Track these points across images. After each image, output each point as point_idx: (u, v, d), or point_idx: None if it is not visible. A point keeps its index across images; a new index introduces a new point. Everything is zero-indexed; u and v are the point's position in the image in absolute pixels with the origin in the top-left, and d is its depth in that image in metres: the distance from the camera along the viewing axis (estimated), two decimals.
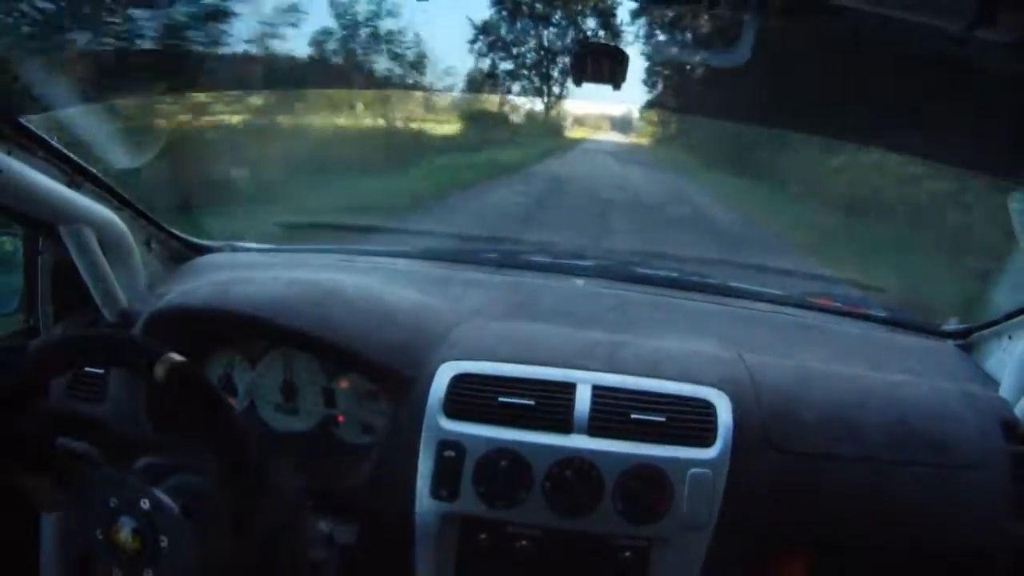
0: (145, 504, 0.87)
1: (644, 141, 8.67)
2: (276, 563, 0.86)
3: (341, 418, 1.21)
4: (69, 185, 1.18)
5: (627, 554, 1.02)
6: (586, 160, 7.99)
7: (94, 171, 1.22)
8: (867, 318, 1.44)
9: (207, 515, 0.89)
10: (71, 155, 1.15)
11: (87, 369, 1.20)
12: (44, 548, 1.00)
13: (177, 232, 1.51)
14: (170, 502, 0.88)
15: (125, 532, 0.86)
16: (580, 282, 1.47)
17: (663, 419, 1.03)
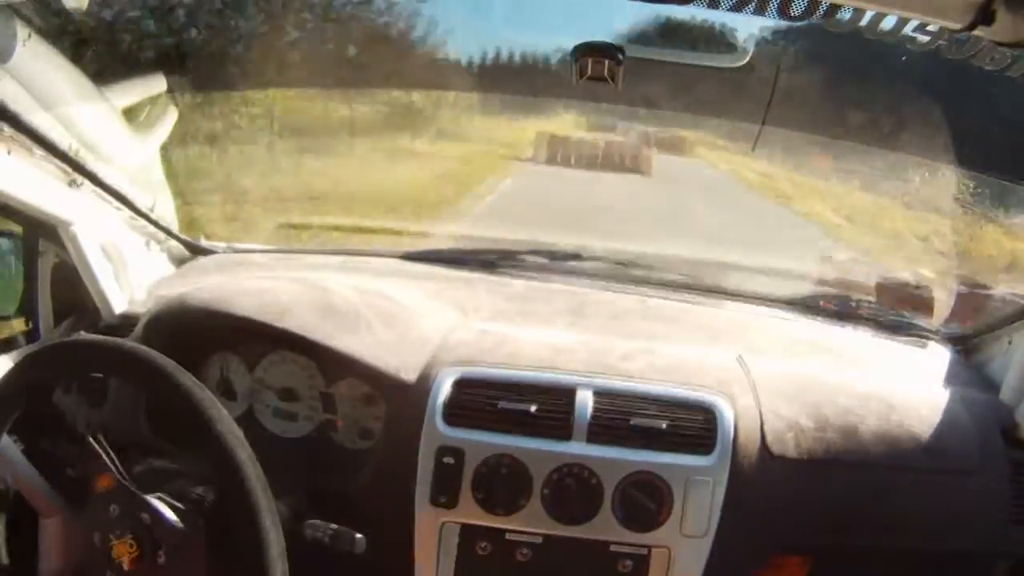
0: (146, 518, 0.86)
1: None
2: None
3: (339, 422, 1.20)
4: (69, 185, 1.18)
5: (627, 561, 1.01)
6: None
7: (94, 171, 1.22)
8: (867, 321, 1.44)
9: (208, 527, 0.88)
10: (72, 155, 1.15)
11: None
12: (41, 552, 1.00)
13: (177, 233, 1.51)
14: (171, 516, 0.87)
15: (123, 543, 0.85)
16: (580, 285, 1.47)
17: (664, 425, 1.03)
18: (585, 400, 1.05)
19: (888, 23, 0.74)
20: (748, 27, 1.17)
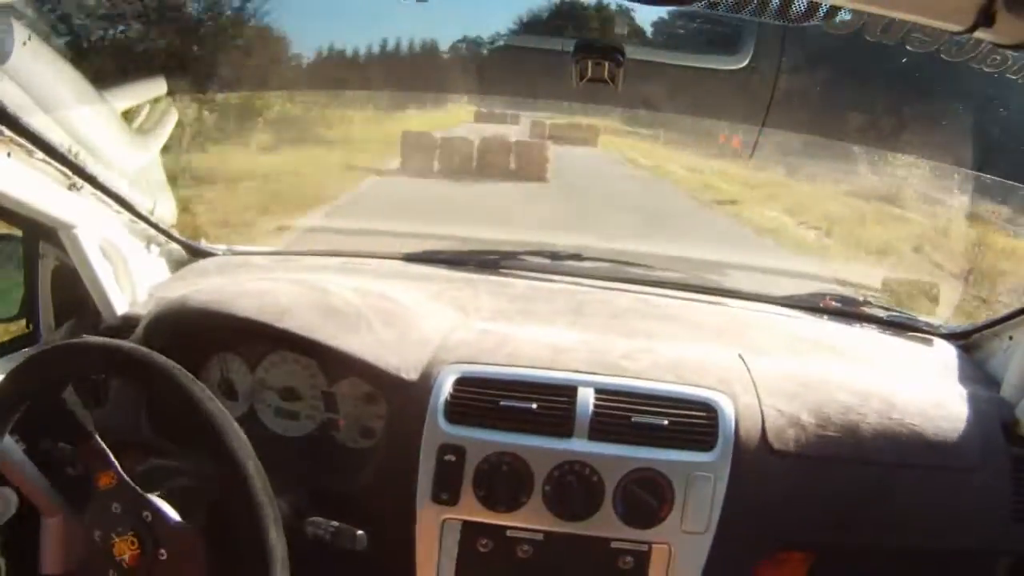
0: (147, 516, 0.87)
1: None
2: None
3: (341, 421, 1.21)
4: (69, 188, 1.18)
5: (628, 558, 1.02)
6: None
7: (94, 174, 1.22)
8: (868, 319, 1.44)
9: (209, 525, 0.89)
10: (71, 158, 1.15)
11: None
12: (43, 551, 1.00)
13: (177, 235, 1.51)
14: (173, 514, 0.87)
15: (125, 541, 0.85)
16: (581, 284, 1.47)
17: (665, 423, 1.03)
18: (586, 398, 1.05)
19: (888, 25, 0.74)
20: (748, 29, 1.17)
